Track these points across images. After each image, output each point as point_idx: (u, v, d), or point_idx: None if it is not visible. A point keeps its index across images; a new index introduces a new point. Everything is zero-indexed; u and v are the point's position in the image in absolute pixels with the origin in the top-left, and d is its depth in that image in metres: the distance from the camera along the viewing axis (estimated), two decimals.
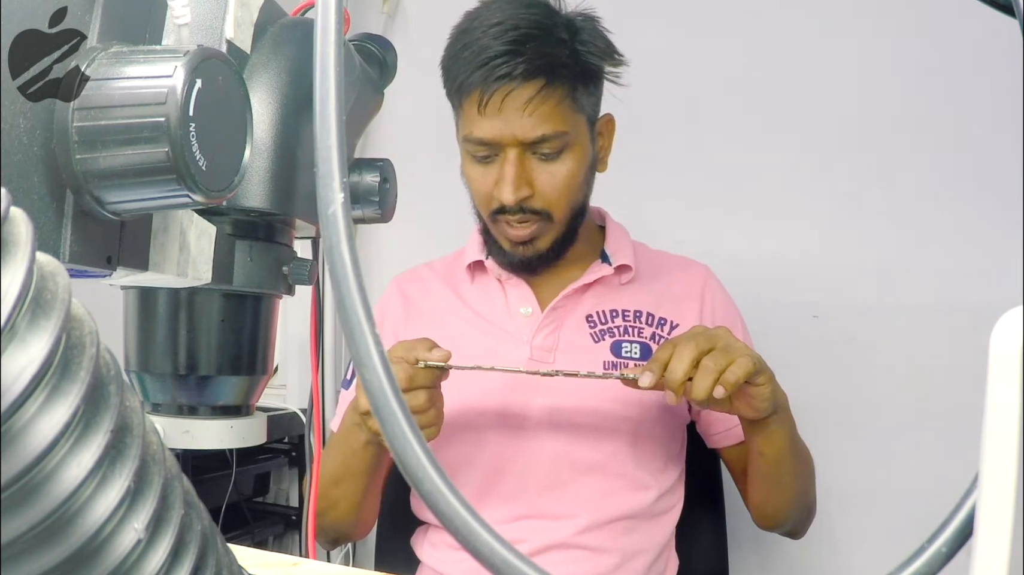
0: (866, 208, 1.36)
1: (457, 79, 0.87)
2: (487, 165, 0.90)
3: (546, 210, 0.90)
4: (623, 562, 0.92)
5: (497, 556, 0.23)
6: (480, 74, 0.84)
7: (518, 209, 0.89)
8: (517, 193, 0.87)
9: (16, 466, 0.19)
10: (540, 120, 0.86)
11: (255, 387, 0.47)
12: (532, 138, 0.86)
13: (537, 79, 0.85)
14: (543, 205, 0.90)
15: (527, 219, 0.90)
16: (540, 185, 0.89)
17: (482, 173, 0.91)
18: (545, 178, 0.89)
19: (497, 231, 0.94)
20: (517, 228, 0.91)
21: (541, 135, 0.86)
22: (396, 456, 0.23)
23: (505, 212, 0.90)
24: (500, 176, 0.88)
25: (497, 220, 0.92)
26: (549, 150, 0.88)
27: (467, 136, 0.90)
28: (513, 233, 0.91)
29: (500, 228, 0.93)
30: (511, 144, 0.87)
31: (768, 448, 0.86)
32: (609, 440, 0.93)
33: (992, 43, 1.20)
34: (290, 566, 0.60)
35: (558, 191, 0.89)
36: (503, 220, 0.91)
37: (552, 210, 0.90)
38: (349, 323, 0.24)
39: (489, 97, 0.85)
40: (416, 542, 1.02)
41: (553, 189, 0.89)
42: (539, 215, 0.90)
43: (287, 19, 0.45)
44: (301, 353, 1.63)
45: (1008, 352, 0.21)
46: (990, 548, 0.21)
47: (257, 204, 0.41)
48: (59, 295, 0.20)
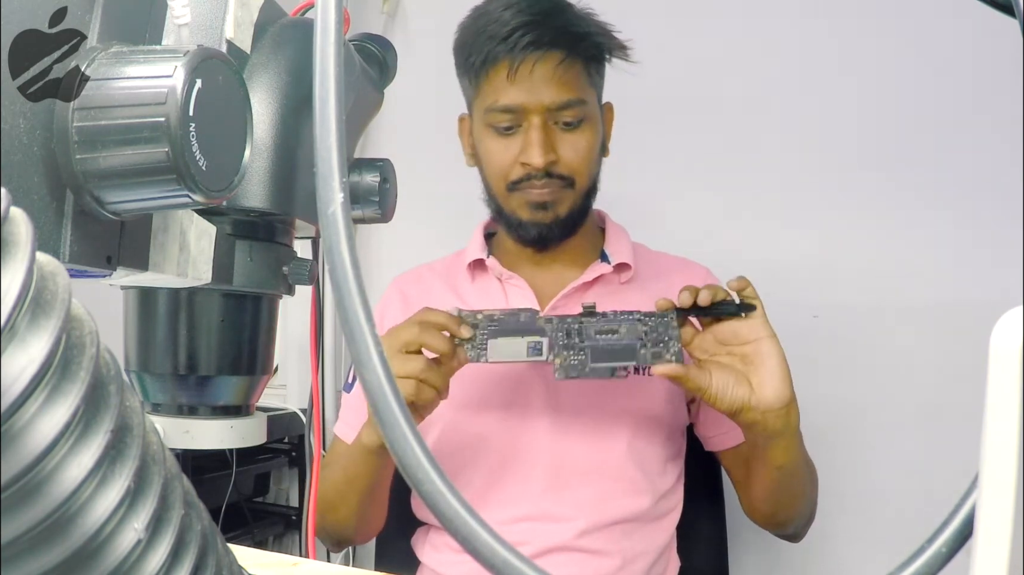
0: (866, 209, 1.36)
1: (481, 53, 0.91)
2: (509, 137, 0.92)
3: (570, 176, 0.93)
4: (624, 565, 0.92)
5: (498, 558, 0.23)
6: (506, 45, 0.89)
7: (544, 175, 0.91)
8: (546, 156, 0.90)
9: (16, 466, 0.19)
10: (565, 87, 0.90)
11: (255, 387, 0.47)
12: (559, 103, 0.90)
13: (560, 49, 0.90)
14: (568, 171, 0.92)
15: (551, 184, 0.92)
16: (564, 152, 0.92)
17: (504, 145, 0.93)
18: (568, 146, 0.92)
19: (516, 201, 0.94)
20: (540, 190, 0.92)
21: (566, 100, 0.90)
22: (396, 457, 0.23)
23: (530, 179, 0.92)
24: (527, 142, 0.90)
25: (517, 188, 0.93)
26: (571, 118, 0.91)
27: (491, 106, 0.92)
28: (536, 193, 0.92)
29: (520, 195, 0.93)
30: (536, 111, 0.90)
31: (786, 459, 0.86)
32: (609, 442, 0.93)
33: (992, 43, 1.20)
34: (290, 566, 0.60)
35: (581, 158, 0.93)
36: (525, 187, 0.92)
37: (576, 176, 0.93)
38: (349, 323, 0.24)
39: (519, 64, 0.89)
40: (416, 543, 1.02)
41: (577, 155, 0.92)
42: (563, 181, 0.92)
43: (287, 19, 0.45)
44: (301, 353, 1.63)
45: (1008, 352, 0.21)
46: (990, 548, 0.21)
47: (257, 204, 0.41)
48: (59, 295, 0.20)
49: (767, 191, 1.41)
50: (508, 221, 0.97)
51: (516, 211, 0.95)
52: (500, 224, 1.00)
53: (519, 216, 0.95)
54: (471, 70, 0.94)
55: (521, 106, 0.90)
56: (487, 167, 0.96)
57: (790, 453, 0.85)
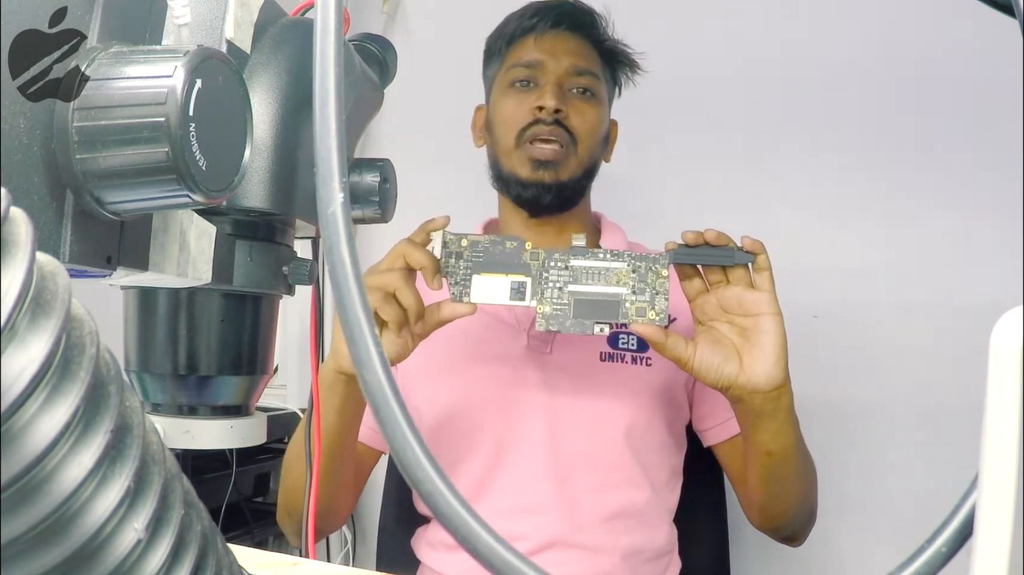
0: (866, 208, 1.36)
1: (509, 30, 1.00)
2: (526, 92, 0.97)
3: (575, 133, 0.95)
4: (621, 562, 0.92)
5: (497, 557, 0.23)
6: (533, 20, 0.98)
7: (553, 121, 0.94)
8: (558, 102, 0.93)
9: (16, 466, 0.19)
10: (582, 57, 0.97)
11: (255, 387, 0.47)
12: (575, 68, 0.96)
13: (581, 32, 0.99)
14: (574, 128, 0.95)
15: (557, 135, 0.94)
16: (573, 114, 0.95)
17: (520, 98, 0.97)
18: (577, 111, 0.96)
19: (520, 156, 0.95)
20: (544, 145, 0.94)
21: (583, 67, 0.97)
22: (396, 456, 0.23)
23: (538, 124, 0.94)
24: (542, 92, 0.95)
25: (524, 139, 0.95)
26: (586, 84, 0.97)
27: (515, 63, 0.98)
28: (539, 148, 0.94)
29: (525, 150, 0.95)
30: (554, 71, 0.96)
31: (775, 445, 0.84)
32: (605, 434, 0.93)
33: (992, 43, 1.20)
34: (290, 566, 0.60)
35: (588, 124, 0.96)
36: (533, 136, 0.94)
37: (580, 137, 0.96)
38: (349, 323, 0.24)
39: (545, 31, 0.97)
40: (415, 543, 1.02)
41: (584, 120, 0.96)
42: (569, 136, 0.95)
43: (287, 19, 0.45)
44: (301, 353, 1.63)
45: (1008, 352, 0.21)
46: (990, 548, 0.21)
47: (257, 204, 0.41)
48: (59, 295, 0.20)
49: (767, 191, 1.41)
50: (508, 181, 0.98)
51: (517, 169, 0.96)
52: (502, 191, 1.01)
53: (519, 175, 0.96)
54: (502, 42, 1.01)
55: (541, 63, 0.96)
56: (499, 124, 0.98)
57: (780, 438, 0.83)
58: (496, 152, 0.99)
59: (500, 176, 0.99)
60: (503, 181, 0.99)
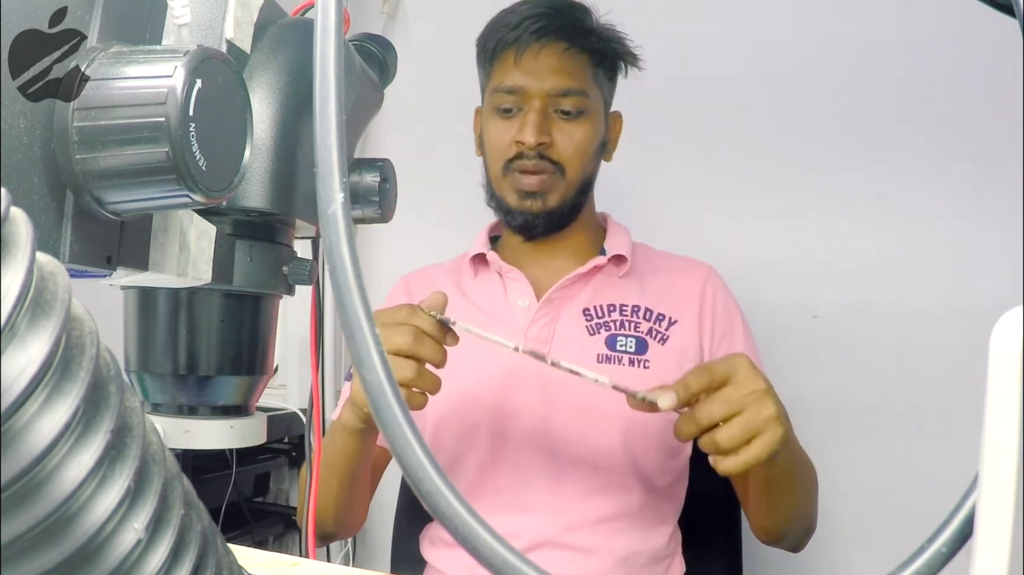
0: (866, 208, 1.36)
1: (494, 39, 0.97)
2: (510, 119, 0.96)
3: (561, 163, 0.95)
4: (614, 565, 0.91)
5: (497, 556, 0.23)
6: (515, 32, 0.95)
7: (536, 155, 0.94)
8: (539, 136, 0.93)
9: (16, 466, 0.19)
10: (566, 75, 0.94)
11: (255, 387, 0.47)
12: (559, 89, 0.94)
13: (565, 39, 0.95)
14: (559, 157, 0.95)
15: (542, 167, 0.94)
16: (559, 138, 0.95)
17: (504, 126, 0.96)
18: (563, 134, 0.95)
19: (508, 184, 0.96)
20: (530, 176, 0.94)
21: (567, 87, 0.94)
22: (396, 456, 0.23)
23: (522, 158, 0.94)
24: (523, 122, 0.94)
25: (511, 170, 0.95)
26: (570, 107, 0.95)
27: (497, 87, 0.96)
28: (525, 181, 0.95)
29: (512, 179, 0.96)
30: (537, 95, 0.94)
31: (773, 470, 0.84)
32: (601, 437, 0.93)
33: (992, 43, 1.20)
34: (290, 566, 0.60)
35: (574, 147, 0.95)
36: (517, 168, 0.95)
37: (566, 165, 0.95)
38: (349, 323, 0.24)
39: (525, 48, 0.94)
40: (421, 540, 1.03)
41: (570, 144, 0.95)
42: (554, 167, 0.95)
43: (287, 19, 0.45)
44: (301, 353, 1.63)
45: (1008, 352, 0.21)
46: (990, 548, 0.21)
47: (257, 204, 0.41)
48: (59, 295, 0.20)
49: (767, 191, 1.41)
50: (500, 206, 0.99)
51: (506, 196, 0.97)
52: (496, 211, 1.02)
53: (508, 202, 0.97)
54: (485, 57, 0.99)
55: (523, 88, 0.94)
56: (488, 149, 0.99)
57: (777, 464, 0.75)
58: (488, 173, 1.01)
59: (493, 197, 1.00)
60: (496, 203, 1.00)
